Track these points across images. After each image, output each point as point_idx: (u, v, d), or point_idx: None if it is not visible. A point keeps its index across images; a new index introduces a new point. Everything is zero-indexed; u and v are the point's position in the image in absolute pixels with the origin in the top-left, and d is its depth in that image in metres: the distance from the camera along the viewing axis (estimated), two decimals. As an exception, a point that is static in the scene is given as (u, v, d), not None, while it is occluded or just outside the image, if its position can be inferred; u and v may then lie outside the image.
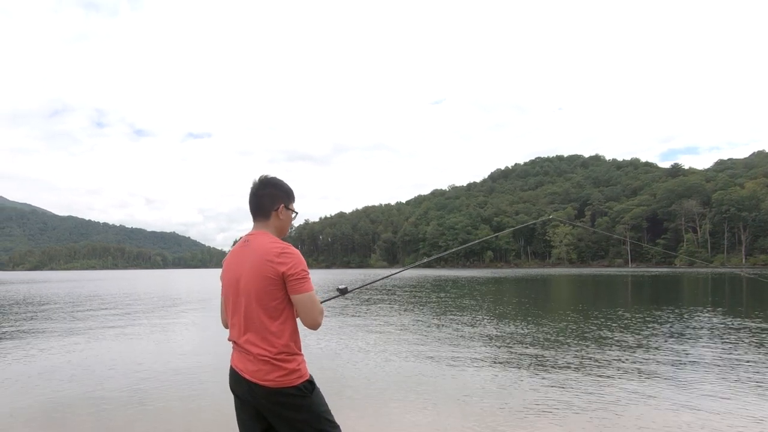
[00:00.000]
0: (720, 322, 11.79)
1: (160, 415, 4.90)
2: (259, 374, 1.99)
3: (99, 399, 5.47)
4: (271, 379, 1.97)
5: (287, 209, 2.18)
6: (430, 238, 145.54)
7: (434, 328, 11.03)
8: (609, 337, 9.58)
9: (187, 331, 11.26)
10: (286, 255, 1.99)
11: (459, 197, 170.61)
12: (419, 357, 7.69)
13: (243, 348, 2.04)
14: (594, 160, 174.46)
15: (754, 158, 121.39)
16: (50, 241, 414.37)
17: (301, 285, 1.99)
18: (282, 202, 2.16)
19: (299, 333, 2.10)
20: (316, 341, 9.11)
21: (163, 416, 4.87)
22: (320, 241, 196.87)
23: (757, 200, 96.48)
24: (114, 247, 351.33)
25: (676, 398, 5.35)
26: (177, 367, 7.14)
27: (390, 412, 4.93)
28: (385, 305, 17.02)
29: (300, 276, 1.99)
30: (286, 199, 2.18)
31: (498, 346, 8.66)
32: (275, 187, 2.17)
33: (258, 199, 2.15)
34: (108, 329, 11.47)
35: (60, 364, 7.43)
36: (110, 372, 6.88)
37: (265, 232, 2.11)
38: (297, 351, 2.06)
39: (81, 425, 4.64)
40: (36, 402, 5.43)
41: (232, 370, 2.09)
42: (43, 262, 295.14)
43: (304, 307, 2.00)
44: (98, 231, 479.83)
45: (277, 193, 2.16)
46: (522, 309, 16.08)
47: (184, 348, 8.97)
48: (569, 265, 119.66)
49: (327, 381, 5.96)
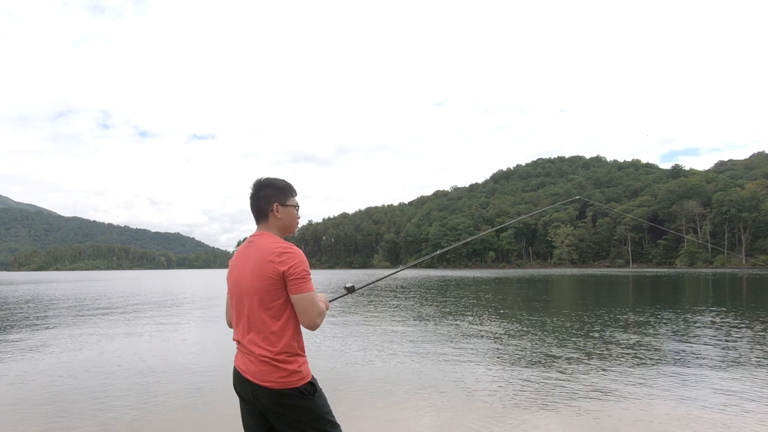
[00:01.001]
0: (719, 320, 11.81)
1: (165, 415, 4.89)
2: (260, 375, 1.99)
3: (104, 397, 5.48)
4: (272, 381, 1.98)
5: (284, 206, 2.17)
6: (432, 238, 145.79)
7: (438, 328, 11.00)
8: (611, 335, 9.62)
9: (191, 331, 11.27)
10: (287, 255, 2.00)
11: (461, 198, 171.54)
12: (424, 356, 7.69)
13: (246, 348, 2.06)
14: (595, 161, 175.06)
15: (754, 159, 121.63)
16: (55, 241, 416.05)
17: (301, 285, 1.99)
18: (276, 200, 2.15)
19: (302, 334, 2.11)
20: (320, 341, 9.09)
21: (168, 415, 4.87)
22: (323, 242, 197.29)
23: (757, 201, 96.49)
24: (119, 248, 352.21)
25: (677, 394, 5.40)
26: (182, 367, 7.13)
27: (395, 413, 4.90)
28: (389, 305, 16.99)
29: (300, 276, 1.99)
30: (281, 197, 2.17)
31: (503, 345, 8.69)
32: (269, 188, 2.18)
33: (255, 203, 2.18)
34: (113, 329, 11.48)
35: (65, 363, 7.44)
36: (115, 370, 6.90)
37: (268, 233, 2.13)
38: (299, 352, 2.06)
39: (86, 423, 4.63)
40: (41, 400, 5.44)
41: (235, 371, 2.12)
42: (48, 262, 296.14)
43: (303, 307, 2.00)
44: (103, 232, 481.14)
45: (272, 193, 2.16)
46: (525, 308, 16.02)
47: (189, 347, 8.93)
48: (570, 265, 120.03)
49: (331, 381, 6.06)
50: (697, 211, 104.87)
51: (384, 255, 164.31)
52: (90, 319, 13.85)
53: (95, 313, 15.65)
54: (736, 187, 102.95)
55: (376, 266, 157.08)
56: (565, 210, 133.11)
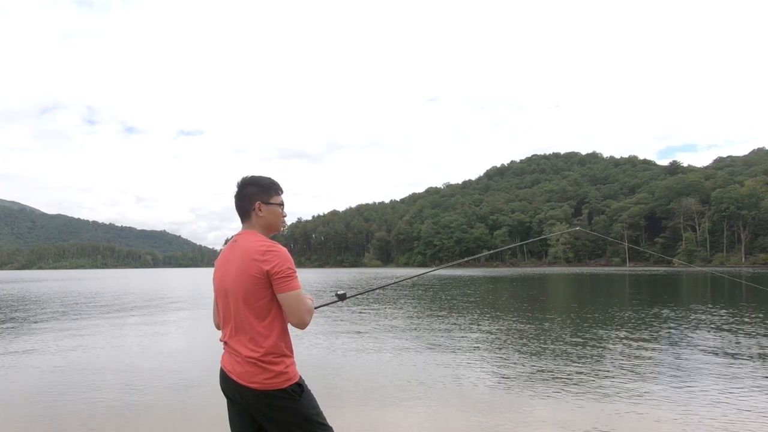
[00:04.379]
0: (719, 319, 11.79)
1: (152, 415, 4.85)
2: (246, 376, 1.97)
3: (90, 397, 5.45)
4: (258, 382, 1.96)
5: (267, 204, 2.13)
6: (424, 236, 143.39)
7: (431, 326, 10.89)
8: (607, 334, 9.60)
9: (178, 330, 11.24)
10: (271, 253, 1.97)
11: (454, 195, 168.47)
12: (415, 355, 7.64)
13: (233, 349, 2.04)
14: (591, 157, 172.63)
15: (754, 156, 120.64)
16: (38, 240, 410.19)
17: (286, 283, 1.96)
18: (258, 199, 2.12)
19: (290, 334, 2.08)
20: (310, 340, 8.99)
21: (154, 415, 4.83)
22: (313, 240, 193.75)
23: (757, 198, 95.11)
24: (103, 246, 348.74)
25: (675, 393, 5.35)
26: (169, 367, 7.09)
27: (386, 413, 4.85)
28: (381, 304, 16.64)
29: (285, 274, 1.96)
30: (263, 195, 2.13)
31: (495, 344, 8.63)
32: (251, 186, 2.14)
33: (238, 201, 2.15)
34: (99, 328, 11.33)
35: (50, 364, 7.33)
36: (101, 370, 6.82)
37: (252, 232, 2.11)
38: (286, 352, 2.03)
39: (71, 424, 4.61)
40: (26, 401, 5.42)
41: (222, 371, 2.10)
42: (31, 261, 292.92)
43: (291, 305, 1.98)
44: (87, 230, 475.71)
45: (254, 191, 2.13)
46: (519, 307, 15.91)
47: (175, 347, 8.96)
48: (566, 264, 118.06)
49: (321, 382, 5.91)
50: (696, 209, 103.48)
51: (375, 253, 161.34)
52: (76, 318, 13.68)
53: (80, 313, 15.30)
54: (736, 184, 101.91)
55: (367, 265, 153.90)
56: (561, 207, 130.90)
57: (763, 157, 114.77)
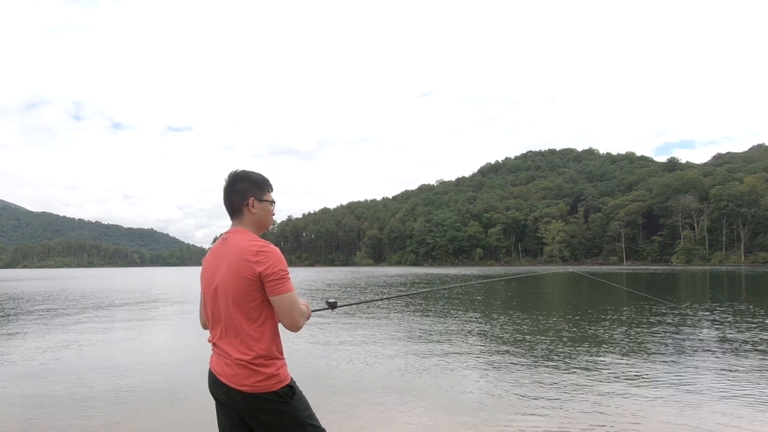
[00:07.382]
0: (718, 318, 11.75)
1: (140, 415, 4.86)
2: (236, 379, 1.92)
3: (78, 398, 5.47)
4: (248, 384, 1.91)
5: (260, 201, 2.08)
6: (417, 234, 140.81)
7: (424, 326, 10.92)
8: (602, 334, 9.50)
9: (166, 331, 11.30)
10: (264, 254, 1.92)
11: (447, 192, 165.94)
12: (408, 356, 7.61)
13: (222, 350, 1.99)
14: (587, 154, 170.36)
15: (754, 152, 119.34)
16: (23, 238, 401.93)
17: (279, 285, 1.91)
18: (252, 195, 2.06)
19: (281, 336, 2.04)
20: (303, 341, 8.91)
21: (142, 416, 4.84)
22: (303, 238, 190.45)
23: (757, 195, 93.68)
24: (90, 245, 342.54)
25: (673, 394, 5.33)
26: (157, 367, 7.04)
27: (379, 414, 4.86)
28: (374, 304, 16.62)
29: (278, 276, 1.91)
30: (257, 192, 2.07)
31: (489, 344, 8.61)
32: (244, 181, 2.08)
33: (229, 197, 2.08)
34: (86, 328, 11.36)
35: (38, 364, 7.28)
36: (89, 371, 6.80)
37: (242, 230, 2.04)
38: (277, 355, 1.98)
39: (61, 424, 4.64)
40: (15, 401, 5.42)
41: (211, 373, 2.04)
42: (16, 259, 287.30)
43: (283, 308, 1.93)
44: (73, 228, 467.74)
45: (247, 187, 2.07)
46: (513, 306, 15.92)
47: (163, 347, 8.91)
48: (562, 262, 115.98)
49: (314, 383, 5.90)
50: (694, 206, 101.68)
51: (367, 252, 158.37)
52: (63, 318, 13.65)
53: (67, 312, 15.28)
54: (735, 181, 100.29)
55: (358, 264, 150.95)
56: (556, 205, 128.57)
57: (763, 154, 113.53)
